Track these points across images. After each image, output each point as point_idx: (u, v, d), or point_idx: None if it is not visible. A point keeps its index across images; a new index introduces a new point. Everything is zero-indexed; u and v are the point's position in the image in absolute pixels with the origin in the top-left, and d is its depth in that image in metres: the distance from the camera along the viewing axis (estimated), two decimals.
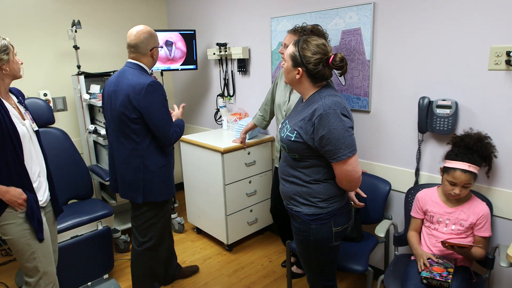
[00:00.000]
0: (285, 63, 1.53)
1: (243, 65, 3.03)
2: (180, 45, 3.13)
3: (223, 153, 2.61)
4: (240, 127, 2.80)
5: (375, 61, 2.16)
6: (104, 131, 2.74)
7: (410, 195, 2.05)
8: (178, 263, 2.53)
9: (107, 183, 2.64)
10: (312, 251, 1.63)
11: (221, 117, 3.31)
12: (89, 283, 2.41)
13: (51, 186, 1.84)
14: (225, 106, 3.24)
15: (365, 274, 1.94)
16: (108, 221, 2.46)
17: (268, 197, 3.02)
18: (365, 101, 2.24)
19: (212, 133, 3.13)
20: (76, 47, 2.98)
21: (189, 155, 2.96)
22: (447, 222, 1.78)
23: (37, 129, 1.77)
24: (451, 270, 1.66)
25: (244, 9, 2.95)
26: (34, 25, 2.98)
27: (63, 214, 2.25)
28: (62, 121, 3.19)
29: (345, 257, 1.96)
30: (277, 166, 2.35)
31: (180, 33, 3.10)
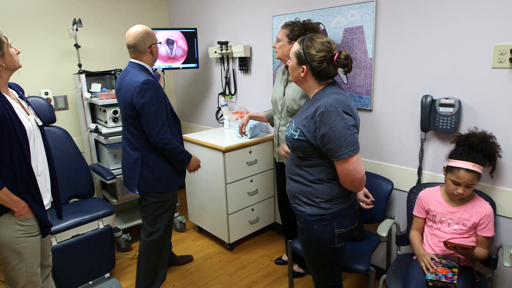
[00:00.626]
0: (290, 61, 1.53)
1: (245, 64, 3.02)
2: (181, 44, 3.12)
3: (225, 151, 2.60)
4: None
5: (377, 59, 2.15)
6: (105, 130, 2.77)
7: (412, 194, 2.03)
8: (172, 251, 2.59)
9: (108, 182, 2.64)
10: (315, 252, 1.62)
11: (222, 115, 3.31)
12: (90, 282, 2.41)
13: (54, 188, 1.73)
14: (226, 104, 3.24)
15: (367, 273, 1.94)
16: (109, 220, 2.46)
17: (269, 195, 3.02)
18: (367, 99, 2.23)
19: (213, 131, 3.12)
20: (77, 46, 2.97)
21: None
22: (450, 221, 1.77)
23: (41, 124, 1.65)
24: (456, 270, 1.65)
25: (245, 7, 2.94)
26: (35, 23, 2.98)
27: (64, 213, 2.23)
28: (63, 120, 3.18)
29: (347, 256, 1.95)
30: (277, 161, 2.34)
31: (181, 32, 3.09)
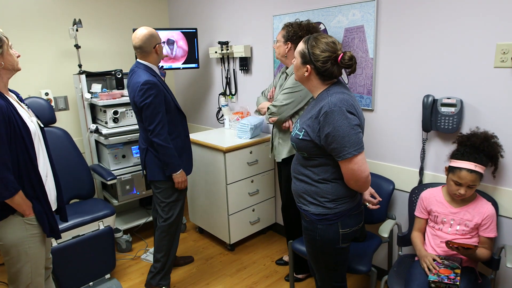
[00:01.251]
0: (295, 60, 1.55)
1: (245, 64, 3.01)
2: (181, 44, 3.11)
3: (225, 152, 2.59)
4: (242, 126, 2.78)
5: (378, 59, 2.14)
6: (105, 130, 2.77)
7: (414, 194, 2.02)
8: None
9: (108, 182, 2.64)
10: (319, 251, 1.63)
11: (223, 116, 3.30)
12: (91, 283, 2.40)
13: (57, 190, 1.72)
14: (227, 105, 3.23)
15: (368, 274, 1.93)
16: (109, 221, 2.45)
17: (270, 196, 3.01)
18: (368, 99, 2.21)
19: (214, 132, 3.12)
20: (77, 46, 2.97)
21: None
22: (452, 222, 1.75)
23: (42, 126, 1.67)
24: (458, 271, 1.63)
25: (245, 7, 2.93)
26: (35, 24, 2.97)
27: None
28: (63, 121, 3.18)
29: (349, 257, 1.94)
30: (277, 160, 2.33)
31: (181, 32, 3.09)
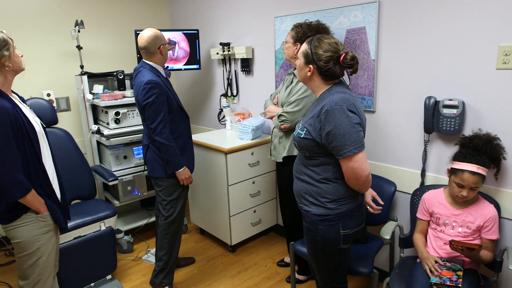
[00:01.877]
0: (298, 61, 1.57)
1: (247, 65, 3.01)
2: (183, 45, 3.11)
3: (227, 153, 2.59)
4: (244, 127, 2.78)
5: (380, 60, 2.14)
6: (107, 131, 2.77)
7: (416, 196, 2.02)
8: None
9: (110, 183, 2.64)
10: (319, 252, 1.63)
11: (224, 117, 3.30)
12: (92, 284, 2.40)
13: (61, 189, 1.75)
14: (228, 106, 3.23)
15: (370, 276, 1.92)
16: (111, 222, 2.45)
17: (271, 197, 3.01)
18: (370, 101, 2.21)
19: (215, 133, 3.12)
20: (79, 47, 2.97)
21: None
22: (454, 224, 1.75)
23: (45, 126, 1.71)
24: (460, 273, 1.63)
25: (247, 9, 2.93)
26: (37, 25, 2.98)
27: None
28: (65, 121, 3.18)
29: (350, 258, 1.93)
30: (277, 160, 2.33)
31: (183, 33, 3.09)
